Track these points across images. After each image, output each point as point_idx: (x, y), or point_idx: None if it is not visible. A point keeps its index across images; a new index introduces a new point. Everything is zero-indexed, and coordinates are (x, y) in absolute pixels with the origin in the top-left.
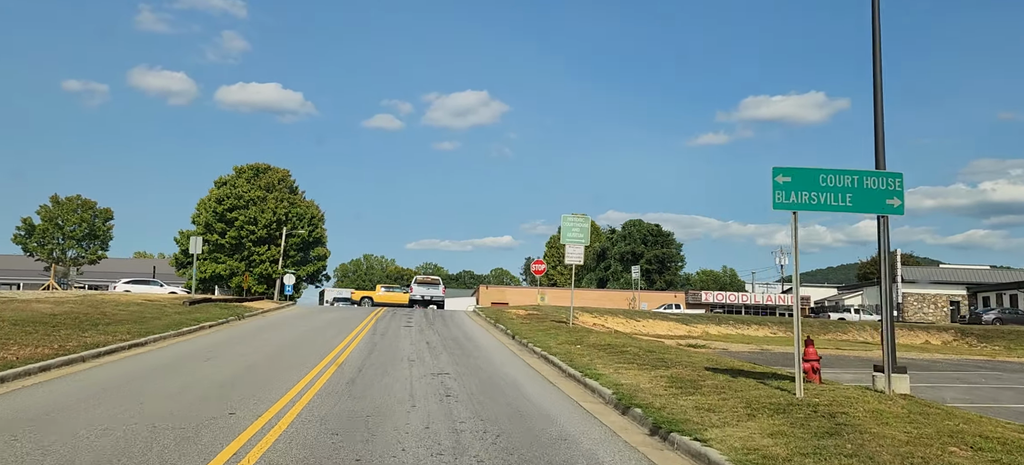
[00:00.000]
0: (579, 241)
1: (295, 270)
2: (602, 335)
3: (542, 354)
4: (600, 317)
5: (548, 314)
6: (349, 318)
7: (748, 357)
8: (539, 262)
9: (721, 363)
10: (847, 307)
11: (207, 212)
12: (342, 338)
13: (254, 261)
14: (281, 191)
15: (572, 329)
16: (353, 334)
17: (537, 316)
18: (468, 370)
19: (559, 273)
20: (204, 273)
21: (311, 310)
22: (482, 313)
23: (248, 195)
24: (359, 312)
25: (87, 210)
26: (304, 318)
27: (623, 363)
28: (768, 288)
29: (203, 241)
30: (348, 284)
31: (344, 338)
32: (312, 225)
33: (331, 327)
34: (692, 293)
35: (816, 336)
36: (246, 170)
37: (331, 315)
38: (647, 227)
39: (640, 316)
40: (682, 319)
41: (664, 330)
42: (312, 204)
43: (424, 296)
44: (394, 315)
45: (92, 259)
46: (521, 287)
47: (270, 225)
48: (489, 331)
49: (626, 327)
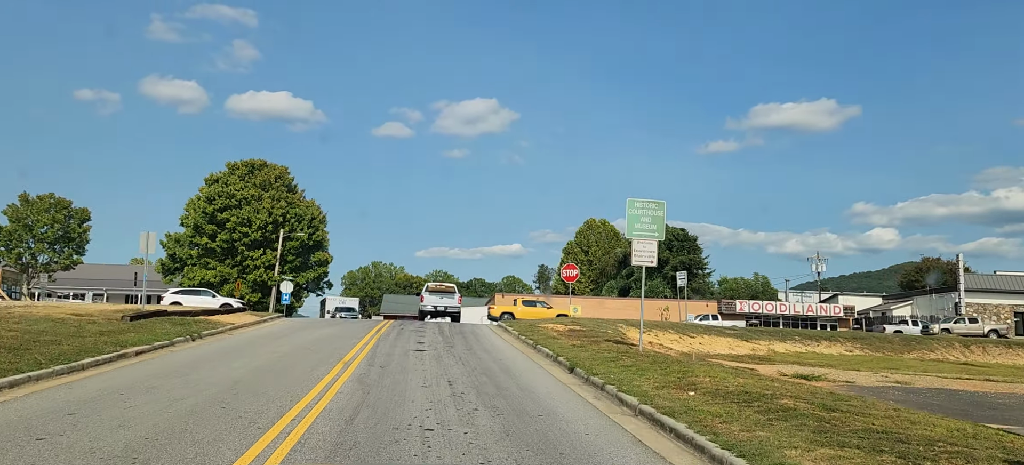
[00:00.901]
0: (651, 235)
1: (293, 277)
2: (696, 368)
3: (646, 412)
4: (647, 331)
5: (593, 330)
6: (342, 336)
7: (899, 396)
8: (570, 267)
9: (936, 425)
10: (901, 318)
11: (196, 212)
12: (320, 374)
13: (248, 267)
14: (278, 189)
15: (647, 356)
16: (338, 367)
17: (581, 333)
18: (532, 450)
19: (576, 281)
20: (192, 280)
21: (300, 324)
22: (510, 329)
23: (241, 193)
24: (355, 328)
25: (61, 210)
26: (282, 337)
27: (813, 437)
28: (803, 296)
29: (192, 244)
30: (356, 292)
31: (324, 375)
32: (313, 227)
33: (311, 353)
34: (725, 302)
35: (901, 356)
36: (240, 166)
37: (320, 332)
38: (672, 232)
39: (692, 330)
40: (741, 335)
41: (725, 348)
42: (312, 204)
43: (437, 307)
44: (401, 332)
45: (66, 264)
46: (539, 295)
47: (266, 227)
48: (532, 357)
49: (681, 344)
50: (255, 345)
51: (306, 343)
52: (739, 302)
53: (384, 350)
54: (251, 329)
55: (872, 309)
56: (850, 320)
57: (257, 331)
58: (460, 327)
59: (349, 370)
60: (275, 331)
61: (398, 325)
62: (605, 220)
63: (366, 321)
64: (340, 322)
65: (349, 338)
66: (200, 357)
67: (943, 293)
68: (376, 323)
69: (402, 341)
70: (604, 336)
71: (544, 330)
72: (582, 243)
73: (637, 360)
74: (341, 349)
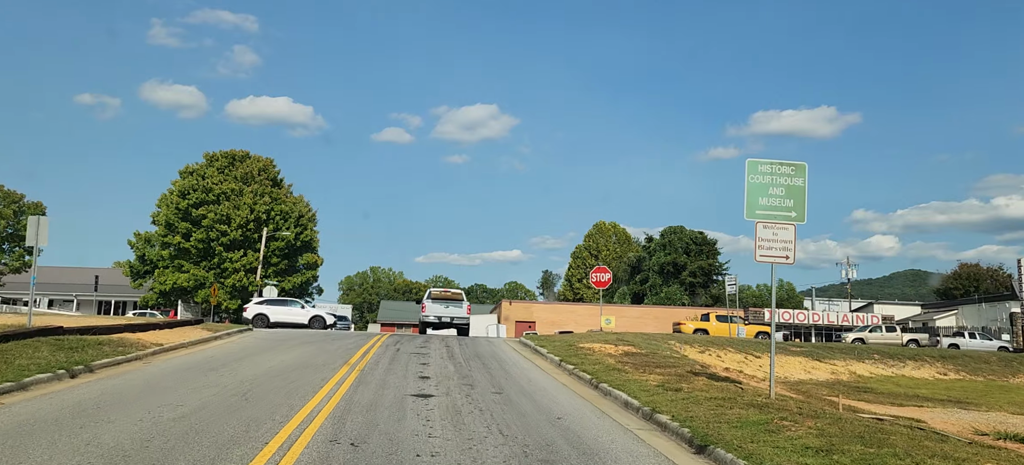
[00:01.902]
0: (785, 217)
1: (278, 281)
2: (895, 436)
3: None
4: (702, 348)
5: (651, 352)
6: (311, 366)
7: None
8: (601, 269)
9: None
10: (954, 330)
11: (169, 208)
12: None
13: (226, 270)
14: (262, 183)
15: (791, 407)
16: (275, 445)
17: (642, 358)
18: None
19: (585, 286)
20: (164, 285)
21: (266, 342)
22: (543, 349)
23: (220, 187)
24: (337, 348)
25: (10, 204)
26: (223, 368)
27: None
28: (830, 304)
29: (164, 244)
30: (354, 298)
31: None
32: (300, 226)
33: (244, 406)
34: (753, 311)
35: (1009, 380)
36: (219, 157)
37: (285, 357)
38: (689, 235)
39: (753, 348)
40: (809, 353)
41: (799, 370)
42: (300, 200)
43: (441, 317)
44: (397, 356)
45: (15, 267)
46: (545, 302)
47: (247, 225)
48: (603, 408)
49: (750, 366)
50: (162, 388)
51: (252, 379)
52: (768, 311)
53: (367, 396)
54: (187, 353)
55: (912, 319)
56: (885, 329)
57: (193, 356)
58: (474, 346)
59: (292, 452)
60: (221, 356)
61: (394, 342)
62: (615, 223)
63: (357, 336)
64: (320, 338)
65: (322, 368)
66: (39, 420)
67: (994, 302)
68: (367, 339)
69: (397, 373)
70: (672, 361)
71: (589, 353)
72: (591, 246)
73: (791, 421)
74: (301, 392)
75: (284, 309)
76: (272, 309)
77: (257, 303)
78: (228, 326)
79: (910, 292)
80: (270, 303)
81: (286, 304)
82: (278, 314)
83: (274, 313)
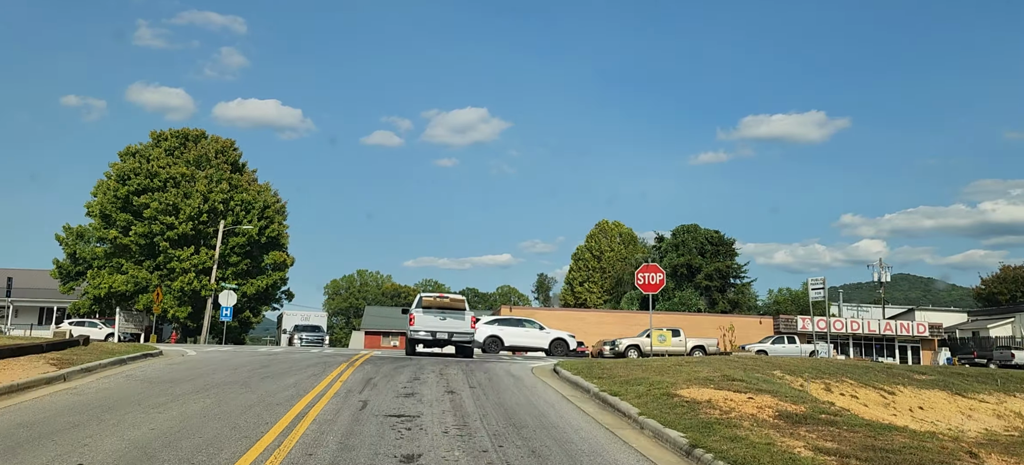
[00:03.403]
0: None
1: (239, 284)
2: None
3: None
4: (833, 383)
5: (776, 390)
6: (212, 444)
7: None
8: (652, 268)
9: None
10: (1014, 341)
11: (105, 196)
12: None
13: (173, 271)
14: (219, 168)
15: None
16: None
17: (798, 414)
18: None
19: (587, 290)
20: (98, 289)
21: (120, 393)
22: (614, 396)
23: (167, 172)
24: (247, 406)
25: None
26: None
27: None
28: (858, 311)
29: (99, 240)
30: (340, 303)
31: None
32: (265, 218)
33: None
34: (784, 319)
35: None
36: (168, 136)
37: (178, 410)
38: (704, 234)
39: (881, 379)
40: (945, 384)
41: (953, 412)
42: (266, 188)
43: (437, 333)
44: (357, 424)
45: None
46: (548, 309)
47: (199, 216)
48: None
49: (891, 410)
50: None
51: None
52: (802, 319)
53: None
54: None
55: (959, 327)
56: (935, 340)
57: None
58: (495, 389)
59: None
60: (60, 417)
61: (364, 380)
62: (619, 222)
63: (313, 364)
64: (249, 375)
65: (225, 445)
66: None
67: None
68: (325, 371)
69: None
70: (843, 420)
71: (717, 413)
72: (593, 247)
73: None
74: None
75: (520, 331)
76: (507, 331)
77: (488, 322)
78: (109, 351)
79: (899, 297)
80: (503, 323)
81: (522, 326)
82: (514, 337)
83: (509, 336)
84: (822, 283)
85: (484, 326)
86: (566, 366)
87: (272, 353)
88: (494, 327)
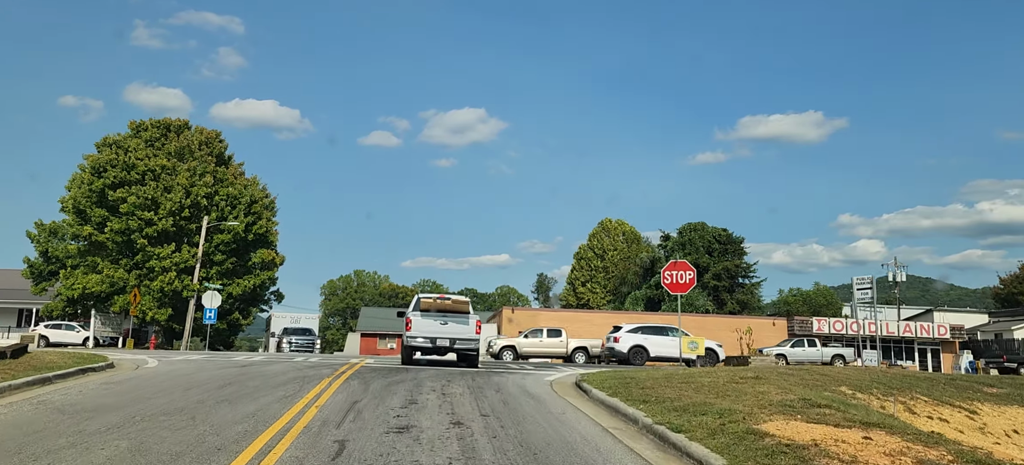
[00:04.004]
0: None
1: (223, 284)
2: None
3: None
4: (908, 401)
5: (866, 419)
6: None
7: None
8: (681, 266)
9: None
10: None
11: (80, 190)
12: None
13: (153, 270)
14: (203, 160)
15: None
16: None
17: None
18: None
19: (590, 291)
20: (72, 289)
21: (100, 399)
22: (671, 430)
23: (146, 164)
24: (186, 445)
25: None
26: None
27: None
28: (871, 311)
29: (73, 237)
30: (336, 303)
31: None
32: (252, 214)
33: None
34: (798, 320)
35: None
36: (148, 126)
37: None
38: (711, 232)
39: (957, 395)
40: (1015, 397)
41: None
42: (253, 182)
43: (437, 340)
44: (340, 456)
45: None
46: (552, 310)
47: (181, 212)
48: None
49: (1001, 441)
50: None
51: None
52: (817, 320)
53: None
54: None
55: (980, 329)
56: (957, 343)
57: None
58: (512, 415)
59: None
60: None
61: (347, 403)
62: (622, 221)
63: (290, 380)
64: (203, 400)
65: None
66: None
67: None
68: (303, 390)
69: None
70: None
71: (793, 443)
72: (596, 247)
73: None
74: None
75: (665, 340)
76: (652, 340)
77: (630, 331)
78: (39, 365)
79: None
80: (646, 331)
81: (666, 334)
82: (659, 347)
83: (655, 346)
84: (870, 282)
85: (627, 334)
86: (593, 382)
87: (248, 363)
88: (638, 336)
